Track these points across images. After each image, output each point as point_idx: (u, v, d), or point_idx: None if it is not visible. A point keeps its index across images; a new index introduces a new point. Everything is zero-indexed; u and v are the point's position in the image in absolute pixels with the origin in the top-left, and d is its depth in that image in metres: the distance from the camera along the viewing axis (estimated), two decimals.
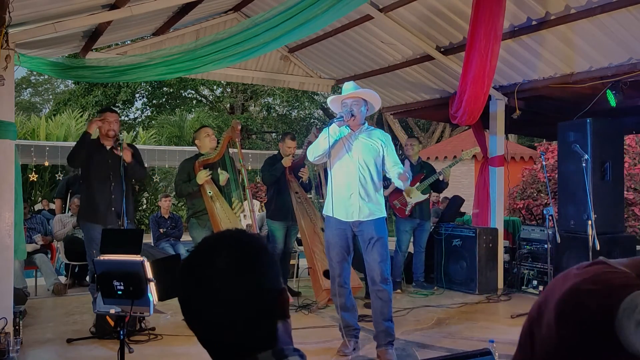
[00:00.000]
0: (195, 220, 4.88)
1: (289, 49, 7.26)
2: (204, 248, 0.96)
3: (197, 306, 0.92)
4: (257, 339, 0.91)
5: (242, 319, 0.91)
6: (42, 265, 5.98)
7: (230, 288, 0.90)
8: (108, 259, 3.13)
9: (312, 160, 3.90)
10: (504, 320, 4.96)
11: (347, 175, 3.75)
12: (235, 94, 20.19)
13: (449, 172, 6.22)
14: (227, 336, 0.91)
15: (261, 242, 0.99)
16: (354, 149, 3.76)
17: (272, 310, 0.94)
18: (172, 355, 3.87)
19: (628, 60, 4.97)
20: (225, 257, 0.92)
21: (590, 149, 5.34)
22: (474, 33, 4.91)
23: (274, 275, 0.96)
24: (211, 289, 0.91)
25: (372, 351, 3.82)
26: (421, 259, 6.39)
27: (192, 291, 0.93)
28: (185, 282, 0.94)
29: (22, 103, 25.42)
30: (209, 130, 5.08)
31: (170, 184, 15.68)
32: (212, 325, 0.92)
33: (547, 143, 11.77)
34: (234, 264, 0.92)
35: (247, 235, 0.98)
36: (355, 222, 3.74)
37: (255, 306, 0.91)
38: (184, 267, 0.96)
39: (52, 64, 4.46)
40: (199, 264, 0.93)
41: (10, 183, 3.78)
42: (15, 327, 3.68)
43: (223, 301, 0.90)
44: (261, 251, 0.96)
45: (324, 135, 3.72)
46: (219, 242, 0.96)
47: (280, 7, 3.78)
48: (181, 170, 4.99)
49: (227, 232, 0.98)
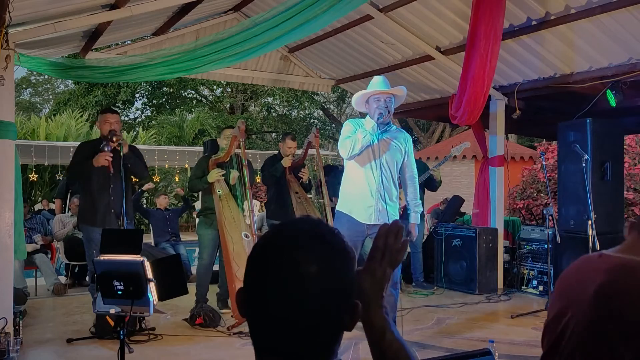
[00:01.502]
0: (202, 218, 5.00)
1: (289, 49, 7.26)
2: (288, 242, 0.85)
3: (269, 304, 0.83)
4: (324, 351, 0.85)
5: (320, 329, 0.83)
6: (42, 265, 5.97)
7: (314, 295, 0.82)
8: (108, 259, 3.13)
9: (346, 158, 3.71)
10: (504, 320, 4.96)
11: (370, 175, 3.66)
12: (235, 94, 20.18)
13: (439, 172, 6.25)
14: (296, 343, 0.83)
15: (347, 245, 0.89)
16: (379, 149, 3.65)
17: (348, 322, 0.87)
18: (172, 355, 3.87)
19: (628, 60, 4.97)
20: (314, 262, 0.82)
21: (590, 149, 5.33)
22: (474, 33, 4.91)
23: (353, 284, 0.88)
24: (295, 295, 0.82)
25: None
26: (419, 259, 6.39)
27: (267, 287, 0.83)
28: (261, 276, 0.85)
29: (22, 103, 25.41)
30: (228, 131, 5.10)
31: (170, 184, 15.70)
32: (282, 332, 0.83)
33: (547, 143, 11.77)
34: (323, 271, 0.82)
35: (335, 234, 0.89)
36: (370, 226, 3.67)
37: (337, 318, 0.85)
38: (259, 258, 0.86)
39: (52, 64, 4.46)
40: (281, 264, 0.83)
41: (10, 183, 3.78)
42: (15, 327, 3.68)
43: (307, 310, 0.82)
44: (348, 256, 0.88)
45: (363, 133, 3.59)
46: (307, 239, 0.85)
47: (280, 7, 3.78)
48: (197, 166, 5.13)
49: (312, 228, 0.88)
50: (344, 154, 3.67)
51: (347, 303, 0.86)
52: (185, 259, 6.90)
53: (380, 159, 3.64)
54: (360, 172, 3.69)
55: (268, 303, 0.83)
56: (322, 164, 5.46)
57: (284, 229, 0.89)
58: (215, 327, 4.47)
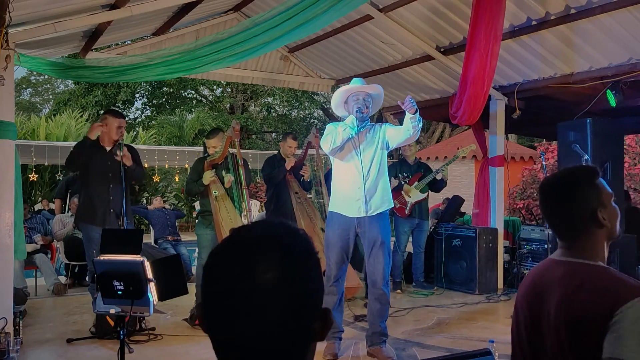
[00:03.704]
0: (201, 219, 5.01)
1: (289, 49, 7.26)
2: (241, 249, 0.78)
3: (226, 318, 0.77)
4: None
5: (286, 340, 0.77)
6: (42, 265, 5.97)
7: (274, 306, 0.75)
8: (108, 259, 3.13)
9: (328, 152, 3.81)
10: (504, 320, 4.96)
11: (352, 170, 3.74)
12: (235, 94, 20.19)
13: (447, 171, 6.27)
14: (254, 354, 0.77)
15: (311, 246, 0.82)
16: (357, 143, 3.75)
17: (319, 330, 0.80)
18: (172, 355, 3.87)
19: (628, 60, 4.97)
20: (270, 269, 0.76)
21: (590, 149, 5.33)
22: (474, 33, 4.91)
23: (320, 290, 0.82)
24: (254, 306, 0.75)
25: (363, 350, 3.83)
26: (421, 259, 6.39)
27: (222, 300, 0.77)
28: (215, 288, 0.78)
29: (22, 103, 25.41)
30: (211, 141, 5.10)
31: (170, 184, 15.70)
32: (240, 340, 0.77)
33: (547, 143, 11.78)
34: (282, 278, 0.76)
35: (295, 235, 0.82)
36: (360, 220, 3.72)
37: (305, 326, 0.78)
38: (212, 268, 0.79)
39: (52, 64, 4.46)
40: (236, 274, 0.76)
41: (10, 183, 3.77)
42: (15, 327, 3.68)
43: (263, 319, 0.75)
44: (311, 259, 0.81)
45: (343, 127, 3.72)
46: (262, 245, 0.79)
47: (280, 7, 3.78)
48: (193, 169, 5.12)
49: (267, 231, 0.81)
50: (326, 148, 3.78)
51: (314, 309, 0.79)
52: (187, 258, 6.92)
53: (361, 154, 3.73)
54: (344, 168, 3.79)
55: (227, 317, 0.76)
56: (322, 164, 5.46)
57: (238, 236, 0.81)
58: None
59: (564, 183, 1.59)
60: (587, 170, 1.61)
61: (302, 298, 0.78)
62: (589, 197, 1.53)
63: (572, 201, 1.55)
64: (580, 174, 1.59)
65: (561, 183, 1.60)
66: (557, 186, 1.60)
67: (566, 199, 1.56)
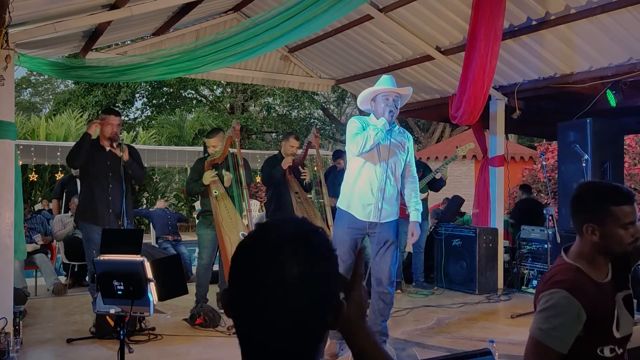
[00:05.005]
0: (201, 219, 5.02)
1: (289, 49, 7.26)
2: (269, 245, 0.85)
3: (253, 307, 0.83)
4: (310, 349, 0.86)
5: (305, 329, 0.84)
6: (42, 265, 5.97)
7: (298, 298, 0.82)
8: (108, 259, 3.13)
9: (356, 154, 3.65)
10: (504, 320, 4.96)
11: (373, 174, 3.64)
12: (235, 94, 20.17)
13: (446, 170, 6.26)
14: (282, 343, 0.84)
15: (331, 244, 0.90)
16: (383, 148, 3.64)
17: (332, 321, 0.88)
18: (172, 355, 3.87)
19: (628, 60, 4.97)
20: (297, 264, 0.83)
21: (590, 149, 5.33)
22: (474, 33, 4.91)
23: (338, 284, 0.89)
24: (280, 297, 0.82)
25: None
26: (421, 259, 6.39)
27: (253, 294, 0.83)
28: (244, 279, 0.85)
29: (22, 103, 25.41)
30: (212, 141, 5.11)
31: (170, 184, 15.70)
32: (264, 331, 0.84)
33: (547, 143, 11.77)
34: (307, 273, 0.83)
35: (319, 233, 0.89)
36: (372, 224, 3.67)
37: (322, 317, 0.86)
38: (242, 260, 0.86)
39: (52, 64, 4.46)
40: (265, 267, 0.83)
41: (10, 183, 3.77)
42: (15, 327, 3.68)
43: (292, 311, 0.82)
44: (333, 257, 0.88)
45: (374, 130, 3.57)
46: (291, 241, 0.85)
47: (280, 7, 3.78)
48: (193, 169, 5.13)
49: (296, 229, 0.88)
50: (354, 150, 3.62)
51: (331, 302, 0.87)
52: (187, 258, 6.93)
53: (386, 159, 3.63)
54: (364, 169, 3.68)
55: (253, 305, 0.83)
56: (322, 164, 5.46)
57: (267, 231, 0.88)
58: (215, 327, 4.47)
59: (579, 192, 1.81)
60: (611, 191, 1.74)
61: (322, 291, 0.85)
62: (587, 211, 1.75)
63: (575, 210, 1.80)
64: (598, 192, 1.76)
65: (577, 192, 1.82)
66: (574, 194, 1.82)
67: (572, 207, 1.81)
